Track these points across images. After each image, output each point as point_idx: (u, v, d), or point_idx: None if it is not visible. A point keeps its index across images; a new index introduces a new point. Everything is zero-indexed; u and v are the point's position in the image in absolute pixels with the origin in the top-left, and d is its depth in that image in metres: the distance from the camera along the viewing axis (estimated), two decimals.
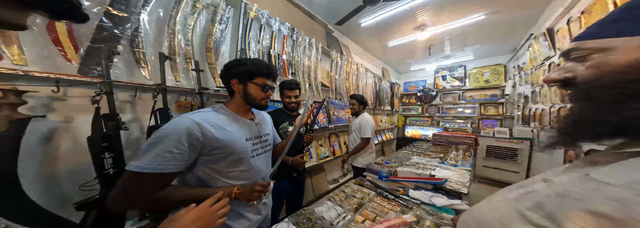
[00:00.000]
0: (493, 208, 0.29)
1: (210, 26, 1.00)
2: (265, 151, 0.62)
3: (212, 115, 0.51)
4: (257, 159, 0.57)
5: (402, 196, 0.79)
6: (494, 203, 0.29)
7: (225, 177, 0.51)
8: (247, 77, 0.54)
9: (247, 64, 0.53)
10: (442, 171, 1.04)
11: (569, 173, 0.26)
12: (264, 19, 1.25)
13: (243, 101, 0.56)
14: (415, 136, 3.62)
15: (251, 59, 0.55)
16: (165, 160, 0.40)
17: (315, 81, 1.62)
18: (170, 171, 0.41)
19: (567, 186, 0.23)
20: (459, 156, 1.43)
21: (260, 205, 0.58)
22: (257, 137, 0.60)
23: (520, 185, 0.31)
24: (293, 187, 1.11)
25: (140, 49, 0.77)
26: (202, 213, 0.35)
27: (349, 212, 0.70)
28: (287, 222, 0.63)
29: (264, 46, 1.27)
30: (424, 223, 0.61)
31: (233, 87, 0.55)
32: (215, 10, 1.02)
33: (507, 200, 0.28)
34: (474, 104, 3.24)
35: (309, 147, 1.65)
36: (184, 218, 0.33)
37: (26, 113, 0.49)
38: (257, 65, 0.54)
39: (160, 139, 0.41)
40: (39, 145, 0.60)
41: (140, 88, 0.78)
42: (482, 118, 3.14)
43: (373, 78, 2.70)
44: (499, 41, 2.42)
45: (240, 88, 0.55)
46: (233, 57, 1.11)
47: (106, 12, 0.69)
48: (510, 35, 2.22)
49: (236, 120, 0.55)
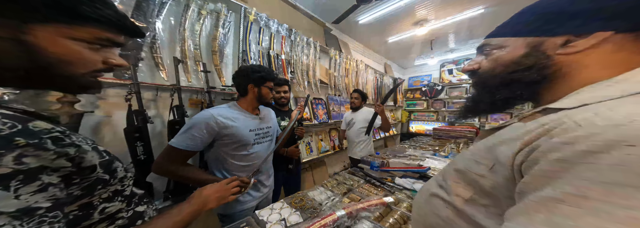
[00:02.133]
0: (429, 181, 0.38)
1: (215, 31, 1.11)
2: (266, 140, 0.77)
3: (226, 110, 0.67)
4: (258, 146, 0.73)
5: (388, 183, 0.86)
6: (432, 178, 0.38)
7: (232, 159, 0.67)
8: (261, 82, 0.70)
9: (260, 71, 0.69)
10: (431, 161, 1.08)
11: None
12: (263, 21, 1.34)
13: (255, 100, 0.72)
14: (420, 131, 3.58)
15: (260, 66, 0.71)
16: (189, 141, 0.58)
17: (314, 79, 1.70)
18: (191, 150, 0.58)
19: (456, 158, 0.33)
20: (454, 149, 1.45)
21: (258, 184, 0.76)
22: (260, 129, 0.75)
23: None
24: (290, 179, 1.19)
25: (158, 54, 0.90)
26: (220, 188, 0.47)
27: (338, 196, 0.78)
28: (283, 201, 0.73)
29: (263, 47, 1.36)
30: (402, 204, 0.69)
31: (249, 90, 0.71)
32: (218, 16, 1.12)
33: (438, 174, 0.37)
34: None
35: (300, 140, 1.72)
36: (209, 189, 0.45)
37: (80, 109, 0.63)
38: (266, 72, 0.70)
39: (190, 126, 0.59)
40: (90, 135, 0.76)
41: (160, 88, 0.91)
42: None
43: (374, 74, 2.71)
44: None
45: (255, 90, 0.71)
46: (236, 59, 1.21)
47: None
48: None
49: (244, 115, 0.71)
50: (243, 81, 0.70)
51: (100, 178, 0.25)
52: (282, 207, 0.67)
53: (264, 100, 0.73)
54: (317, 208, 0.67)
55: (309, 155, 1.77)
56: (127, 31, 0.24)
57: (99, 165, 0.25)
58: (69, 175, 0.21)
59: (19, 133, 0.18)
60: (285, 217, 0.60)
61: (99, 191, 0.26)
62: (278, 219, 0.59)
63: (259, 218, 0.60)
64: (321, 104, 1.95)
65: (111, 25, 0.22)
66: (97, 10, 0.20)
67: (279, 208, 0.66)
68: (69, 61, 0.20)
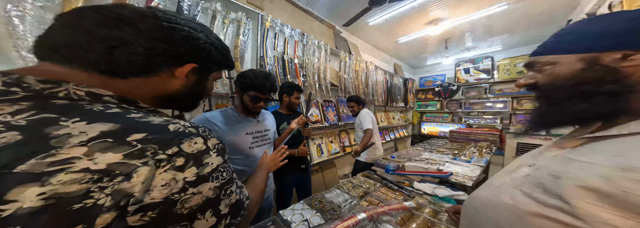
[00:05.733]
0: (497, 192, 0.31)
1: (236, 38, 1.18)
2: (263, 143, 0.78)
3: (220, 114, 0.69)
4: (255, 150, 0.73)
5: (406, 187, 0.85)
6: (494, 189, 0.32)
7: (232, 163, 0.70)
8: (243, 89, 0.68)
9: (247, 77, 0.67)
10: (451, 166, 1.05)
11: (546, 157, 0.31)
12: (277, 27, 1.39)
13: (242, 105, 0.72)
14: (432, 133, 3.43)
15: (254, 73, 0.67)
16: None
17: (325, 81, 1.72)
18: None
19: (557, 167, 0.26)
20: (475, 153, 1.38)
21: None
22: (257, 132, 0.75)
23: (507, 170, 0.36)
24: (302, 177, 1.20)
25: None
26: (274, 157, 0.59)
27: (355, 198, 0.79)
28: (302, 203, 0.76)
29: (278, 52, 1.42)
30: (424, 210, 0.67)
31: (236, 93, 0.71)
32: (239, 24, 1.19)
33: (507, 184, 0.31)
34: (505, 97, 2.93)
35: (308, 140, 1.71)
36: (266, 159, 0.57)
37: None
38: (252, 80, 0.66)
39: None
40: None
41: None
42: (516, 113, 2.82)
43: (384, 75, 2.67)
44: (533, 28, 2.15)
45: (239, 95, 0.71)
46: (255, 64, 1.27)
47: None
48: (547, 22, 1.95)
49: (239, 118, 0.71)
50: (235, 84, 0.71)
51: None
52: (303, 208, 0.69)
53: (246, 107, 0.71)
54: (336, 210, 0.68)
55: (319, 157, 1.79)
56: (230, 67, 0.36)
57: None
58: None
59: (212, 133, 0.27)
60: (307, 217, 0.62)
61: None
62: (301, 220, 0.61)
63: (283, 218, 0.62)
64: (331, 107, 1.96)
65: (227, 65, 0.35)
66: (227, 61, 0.34)
67: (300, 209, 0.68)
68: (209, 91, 0.35)
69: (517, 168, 0.33)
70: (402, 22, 1.97)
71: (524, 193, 0.27)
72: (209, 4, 1.06)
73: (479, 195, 0.35)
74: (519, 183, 0.29)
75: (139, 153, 0.18)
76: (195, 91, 0.31)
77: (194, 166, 0.21)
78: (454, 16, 1.83)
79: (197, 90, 0.31)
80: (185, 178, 0.20)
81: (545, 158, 0.31)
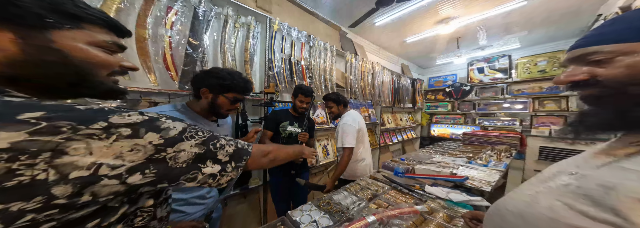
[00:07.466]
0: (531, 201, 0.28)
1: (246, 42, 1.22)
2: None
3: (173, 109, 0.58)
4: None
5: (417, 190, 0.82)
6: (527, 198, 0.29)
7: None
8: (219, 91, 0.58)
9: (225, 79, 0.57)
10: (466, 170, 0.99)
11: (591, 165, 0.27)
12: (285, 30, 1.43)
13: (208, 107, 0.61)
14: (443, 135, 3.29)
15: (230, 74, 0.59)
16: None
17: (331, 83, 1.72)
18: None
19: (608, 177, 0.23)
20: (493, 157, 1.30)
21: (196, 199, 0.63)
22: None
23: (540, 178, 0.32)
24: (294, 184, 1.06)
25: (207, 67, 1.03)
26: (312, 150, 0.61)
27: (363, 201, 0.77)
28: (311, 204, 0.75)
29: (286, 54, 1.45)
30: (437, 214, 0.64)
31: (201, 94, 0.59)
32: (249, 28, 1.24)
33: (542, 193, 0.28)
34: (525, 98, 2.74)
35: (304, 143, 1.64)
36: (306, 147, 0.60)
37: None
38: (233, 81, 0.58)
39: None
40: None
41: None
42: (537, 114, 2.63)
43: (390, 76, 2.62)
44: (556, 24, 2.00)
45: (209, 96, 0.59)
46: (263, 66, 1.30)
47: (188, 42, 0.96)
48: (572, 17, 1.82)
49: (195, 120, 0.60)
50: (195, 83, 0.60)
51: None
52: (311, 209, 0.69)
53: (218, 111, 0.61)
54: (345, 212, 0.67)
55: (325, 158, 1.78)
56: (117, 28, 0.28)
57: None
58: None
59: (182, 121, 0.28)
60: (315, 219, 0.62)
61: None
62: (309, 221, 0.61)
63: (292, 219, 0.62)
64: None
65: (103, 24, 0.26)
66: (84, 10, 0.24)
67: (308, 210, 0.68)
68: (93, 63, 0.24)
69: (553, 177, 0.29)
70: (410, 22, 1.93)
71: (565, 204, 0.24)
72: (222, 10, 1.11)
73: (507, 203, 0.32)
74: (558, 193, 0.26)
75: (50, 131, 0.17)
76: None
77: (152, 132, 0.23)
78: (467, 14, 1.76)
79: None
80: (151, 142, 0.22)
81: (591, 167, 0.26)
